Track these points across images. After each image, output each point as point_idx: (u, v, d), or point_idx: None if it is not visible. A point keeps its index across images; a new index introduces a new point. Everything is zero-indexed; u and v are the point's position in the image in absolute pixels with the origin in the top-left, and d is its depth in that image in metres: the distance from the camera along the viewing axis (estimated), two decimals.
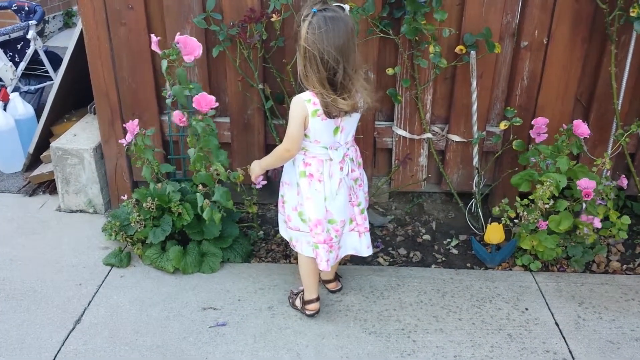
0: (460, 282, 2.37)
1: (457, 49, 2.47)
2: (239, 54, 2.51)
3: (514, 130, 2.56)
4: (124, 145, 2.41)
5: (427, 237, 2.72)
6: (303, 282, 2.19)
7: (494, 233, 2.40)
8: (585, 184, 2.17)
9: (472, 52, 2.43)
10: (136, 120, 2.37)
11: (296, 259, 2.53)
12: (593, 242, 2.41)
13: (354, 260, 2.56)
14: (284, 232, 2.24)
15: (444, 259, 2.57)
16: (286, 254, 2.59)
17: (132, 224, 2.43)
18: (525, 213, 2.28)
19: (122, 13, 2.50)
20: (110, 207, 2.93)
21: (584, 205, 2.24)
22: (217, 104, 2.15)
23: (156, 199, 2.43)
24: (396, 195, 2.88)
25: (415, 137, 2.69)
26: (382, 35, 2.45)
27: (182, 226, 2.45)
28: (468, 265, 2.53)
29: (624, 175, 2.48)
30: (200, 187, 2.28)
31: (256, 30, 2.41)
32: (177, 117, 2.21)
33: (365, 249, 2.16)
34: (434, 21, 2.37)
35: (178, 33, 2.15)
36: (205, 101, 2.11)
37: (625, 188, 2.46)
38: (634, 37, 2.44)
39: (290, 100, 2.56)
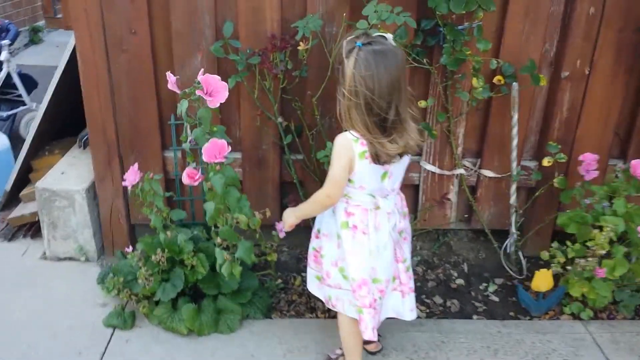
0: (510, 335, 2.16)
1: (495, 80, 2.27)
2: (257, 84, 2.25)
3: (552, 166, 2.38)
4: (128, 187, 2.10)
5: (460, 281, 2.50)
6: (345, 346, 1.92)
7: (543, 280, 2.19)
8: None
9: (515, 84, 2.24)
10: (136, 165, 2.08)
11: (324, 312, 2.27)
12: None
13: None
14: (316, 289, 1.98)
15: (484, 307, 2.35)
16: (310, 306, 2.32)
17: (140, 281, 2.11)
18: (581, 260, 2.08)
19: (124, 38, 2.21)
20: (103, 254, 2.60)
21: None
22: (229, 149, 1.85)
23: (166, 250, 2.13)
24: (419, 234, 2.65)
25: (446, 172, 2.48)
26: (415, 64, 2.22)
27: (196, 280, 2.15)
28: (511, 314, 2.32)
29: None
30: (219, 240, 1.99)
31: (280, 59, 2.15)
32: (189, 176, 1.91)
33: (408, 312, 1.90)
34: (474, 50, 2.17)
35: (201, 72, 1.86)
36: (216, 149, 1.81)
37: None
38: None
39: (310, 133, 2.36)
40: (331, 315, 2.27)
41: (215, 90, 1.81)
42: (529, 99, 2.35)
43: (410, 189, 2.58)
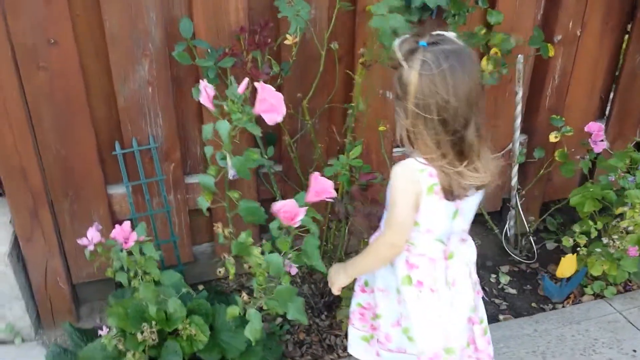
0: (547, 333, 1.99)
1: (491, 52, 2.01)
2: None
3: (538, 138, 2.21)
4: (87, 247, 1.57)
5: None
6: None
7: (569, 265, 2.04)
8: None
9: (520, 57, 1.99)
10: (96, 226, 1.56)
11: (345, 349, 1.94)
12: None
13: None
14: (363, 353, 1.60)
15: (504, 303, 2.16)
16: (327, 344, 1.97)
17: None
18: (615, 241, 1.94)
19: (40, 51, 1.61)
20: (41, 329, 2.02)
21: None
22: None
23: (154, 322, 1.65)
24: None
25: None
26: None
27: (197, 350, 1.70)
28: (533, 305, 2.15)
29: None
30: (245, 296, 1.53)
31: (255, 58, 1.70)
32: (286, 217, 1.37)
33: None
34: (475, 24, 1.88)
35: (245, 82, 1.34)
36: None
37: None
38: None
39: (293, 142, 1.96)
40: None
41: (276, 104, 1.32)
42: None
43: None
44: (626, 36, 2.25)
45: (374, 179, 1.68)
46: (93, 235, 1.57)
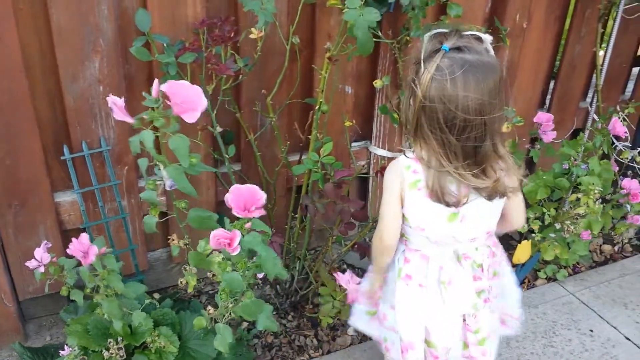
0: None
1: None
2: None
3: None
4: (37, 269, 1.44)
5: None
6: None
7: (525, 252, 2.09)
8: (629, 185, 1.99)
9: None
10: (43, 245, 1.43)
11: (316, 349, 1.92)
12: None
13: None
14: (365, 326, 1.62)
15: None
16: (297, 345, 1.93)
17: None
18: (570, 226, 2.02)
19: None
20: None
21: (629, 207, 2.07)
22: (264, 195, 1.25)
23: (119, 338, 1.54)
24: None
25: (398, 155, 2.20)
26: (375, 40, 1.86)
27: None
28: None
29: None
30: (210, 309, 1.46)
31: (224, 54, 1.62)
32: (219, 242, 1.27)
33: None
34: (433, 18, 1.89)
35: (156, 82, 1.25)
36: (248, 197, 1.23)
37: None
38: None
39: (253, 138, 1.89)
40: (324, 351, 1.92)
41: (188, 100, 1.22)
42: None
43: (358, 179, 2.28)
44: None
45: (349, 176, 1.65)
46: (42, 255, 1.43)
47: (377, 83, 1.98)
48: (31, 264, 1.43)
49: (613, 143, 2.43)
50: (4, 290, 1.78)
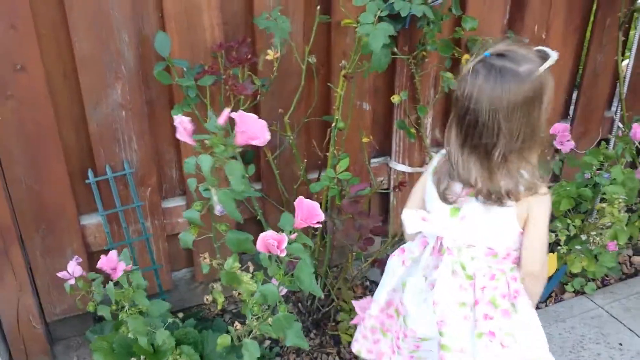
0: None
1: (463, 59, 2.03)
2: (209, 112, 1.71)
3: None
4: (69, 283, 1.49)
5: None
6: None
7: (551, 265, 2.05)
8: None
9: None
10: (75, 260, 1.48)
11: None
12: None
13: None
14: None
15: None
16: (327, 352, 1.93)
17: None
18: (596, 237, 1.99)
19: (6, 79, 1.51)
20: None
21: None
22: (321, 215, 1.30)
23: (143, 356, 1.56)
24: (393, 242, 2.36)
25: (419, 169, 2.20)
26: (393, 56, 1.87)
27: None
28: None
29: None
30: (238, 325, 1.48)
31: (241, 75, 1.65)
32: (268, 246, 1.28)
33: None
34: (448, 31, 1.89)
35: (226, 111, 1.28)
36: (309, 211, 1.28)
37: None
38: None
39: (272, 157, 1.91)
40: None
41: (257, 132, 1.26)
42: None
43: (378, 194, 2.28)
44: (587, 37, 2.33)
45: (363, 190, 1.66)
46: (74, 268, 1.49)
47: (395, 99, 2.00)
48: (63, 275, 1.48)
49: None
50: (32, 312, 1.82)
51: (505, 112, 1.20)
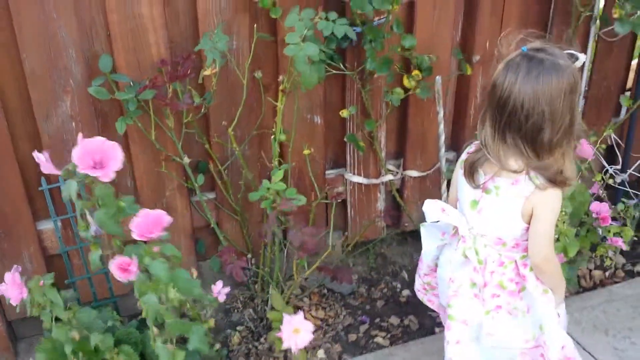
0: None
1: (413, 74, 2.09)
2: (153, 124, 1.81)
3: None
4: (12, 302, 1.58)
5: (407, 292, 2.33)
6: None
7: None
8: (598, 208, 1.98)
9: (438, 78, 2.07)
10: (16, 276, 1.57)
11: None
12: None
13: (348, 350, 2.07)
14: None
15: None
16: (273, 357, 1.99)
17: None
18: None
19: None
20: None
21: (599, 230, 2.06)
22: (170, 219, 1.44)
23: (80, 353, 1.65)
24: (355, 250, 2.42)
25: (374, 181, 2.27)
26: (334, 72, 1.95)
27: None
28: None
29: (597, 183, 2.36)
30: (156, 330, 1.56)
31: (179, 90, 1.74)
32: (122, 270, 1.42)
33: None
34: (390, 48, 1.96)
35: (80, 137, 1.40)
36: (151, 222, 1.38)
37: None
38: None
39: (224, 169, 2.00)
40: None
41: (105, 156, 1.36)
42: (443, 90, 2.21)
43: (338, 205, 2.34)
44: None
45: (289, 207, 1.71)
46: (17, 292, 1.56)
47: (344, 113, 2.08)
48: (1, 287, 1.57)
49: (604, 167, 2.43)
50: None
51: (549, 100, 1.31)
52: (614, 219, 2.06)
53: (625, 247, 1.95)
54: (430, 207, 1.54)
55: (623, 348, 2.01)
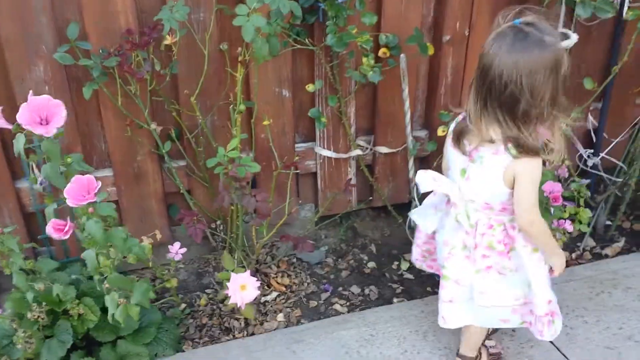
0: (434, 314, 2.07)
1: (380, 53, 2.15)
2: (119, 90, 1.91)
3: (436, 133, 2.32)
4: None
5: (372, 264, 2.40)
6: None
7: None
8: (551, 188, 2.00)
9: (403, 56, 2.12)
10: None
11: (241, 331, 2.08)
12: None
13: (307, 315, 2.16)
14: None
15: (401, 287, 2.28)
16: (225, 327, 2.09)
17: (19, 346, 1.74)
18: None
19: None
20: None
21: (552, 210, 2.09)
22: (99, 183, 1.56)
23: (43, 303, 1.78)
24: (322, 222, 2.50)
25: (343, 155, 2.34)
26: (298, 46, 2.02)
27: (88, 329, 1.83)
28: (429, 289, 2.27)
29: (565, 165, 2.38)
30: (106, 285, 1.68)
31: (142, 58, 1.84)
32: (56, 230, 1.56)
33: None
34: (359, 25, 2.01)
35: (30, 94, 1.51)
36: (83, 188, 1.50)
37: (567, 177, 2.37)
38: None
39: (192, 137, 2.10)
40: (248, 333, 2.07)
41: (50, 113, 1.47)
42: (414, 68, 2.25)
43: (308, 177, 2.42)
44: None
45: (241, 173, 1.79)
46: None
47: (309, 87, 2.15)
48: None
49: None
50: None
51: (528, 72, 1.37)
52: (568, 199, 2.08)
53: (570, 229, 1.98)
54: (423, 178, 1.62)
55: (573, 326, 2.05)
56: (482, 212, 1.60)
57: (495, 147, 1.49)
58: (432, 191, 1.68)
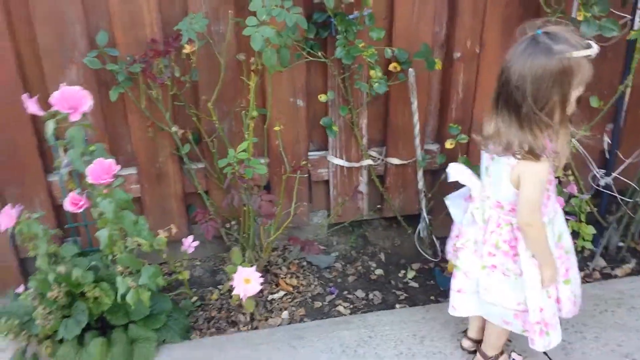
0: (434, 320, 2.16)
1: (390, 67, 2.25)
2: (142, 94, 2.08)
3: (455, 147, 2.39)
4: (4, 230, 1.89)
5: (379, 271, 2.48)
6: None
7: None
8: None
9: (411, 71, 2.22)
10: (8, 208, 1.86)
11: (246, 325, 2.18)
12: None
13: (310, 314, 2.25)
14: None
15: (405, 295, 2.35)
16: (231, 320, 2.21)
17: (38, 321, 1.91)
18: None
19: None
20: None
21: None
22: (118, 167, 1.72)
23: (63, 284, 1.94)
24: (334, 229, 2.60)
25: (354, 164, 2.44)
26: (311, 59, 2.15)
27: (102, 312, 1.98)
28: (432, 297, 2.33)
29: (572, 182, 2.41)
30: (120, 268, 1.83)
31: (164, 65, 2.00)
32: (72, 203, 1.74)
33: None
34: (367, 39, 2.12)
35: (61, 87, 1.69)
36: (102, 169, 1.66)
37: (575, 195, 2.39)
38: None
39: (210, 140, 2.24)
40: (252, 327, 2.18)
41: (77, 102, 1.64)
42: (426, 83, 2.35)
43: (321, 185, 2.53)
44: None
45: (249, 174, 1.92)
46: (7, 220, 1.84)
47: (322, 97, 2.27)
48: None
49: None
50: (4, 250, 2.26)
51: (532, 78, 1.46)
52: (572, 214, 2.11)
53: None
54: (453, 169, 1.76)
55: (571, 341, 2.06)
56: (494, 210, 1.69)
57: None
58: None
